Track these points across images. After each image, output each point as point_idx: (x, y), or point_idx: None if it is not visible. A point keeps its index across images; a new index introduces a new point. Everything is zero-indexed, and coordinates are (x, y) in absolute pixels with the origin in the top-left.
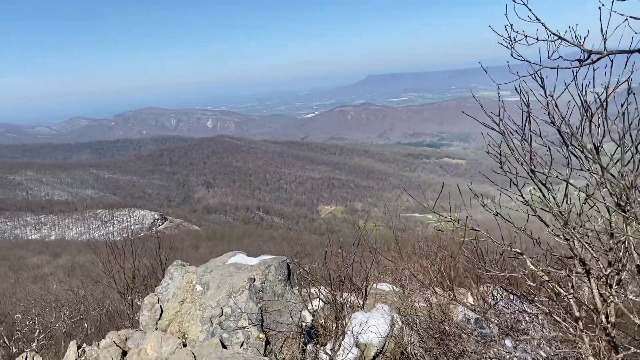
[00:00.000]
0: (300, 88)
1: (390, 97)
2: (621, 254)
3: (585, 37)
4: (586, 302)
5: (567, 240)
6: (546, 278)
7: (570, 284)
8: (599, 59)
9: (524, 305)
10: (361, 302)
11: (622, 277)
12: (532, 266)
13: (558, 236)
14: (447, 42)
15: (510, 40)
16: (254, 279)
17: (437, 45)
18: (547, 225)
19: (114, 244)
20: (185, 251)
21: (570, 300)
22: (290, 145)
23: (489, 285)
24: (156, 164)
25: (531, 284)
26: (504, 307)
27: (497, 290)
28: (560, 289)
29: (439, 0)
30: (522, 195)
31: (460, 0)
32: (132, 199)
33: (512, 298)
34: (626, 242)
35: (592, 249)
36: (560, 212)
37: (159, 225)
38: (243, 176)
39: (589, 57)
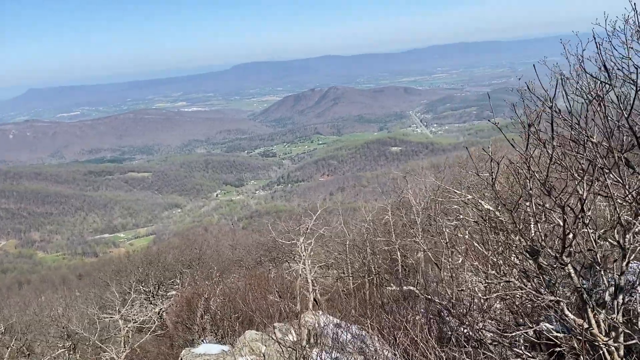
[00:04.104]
0: None
1: (59, 112)
2: None
3: None
4: None
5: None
6: None
7: None
8: None
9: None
10: None
11: None
12: None
13: None
14: (116, 54)
15: None
16: None
17: (107, 57)
18: None
19: None
20: None
21: None
22: None
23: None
24: None
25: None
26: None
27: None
28: None
29: (95, 14)
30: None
31: (121, 15)
32: None
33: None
34: None
35: None
36: None
37: None
38: None
39: None
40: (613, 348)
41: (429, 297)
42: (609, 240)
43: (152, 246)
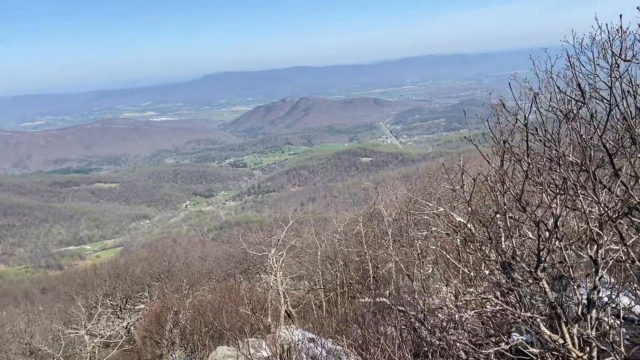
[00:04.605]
0: None
1: (23, 121)
2: None
3: None
4: None
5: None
6: None
7: None
8: None
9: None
10: None
11: None
12: None
13: None
14: (84, 63)
15: None
16: None
17: (74, 66)
18: None
19: None
20: None
21: None
22: None
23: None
24: None
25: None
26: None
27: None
28: None
29: (61, 21)
30: None
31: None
32: None
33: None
34: None
35: None
36: None
37: None
38: None
39: None
40: None
41: (403, 309)
42: (581, 254)
43: (119, 258)
